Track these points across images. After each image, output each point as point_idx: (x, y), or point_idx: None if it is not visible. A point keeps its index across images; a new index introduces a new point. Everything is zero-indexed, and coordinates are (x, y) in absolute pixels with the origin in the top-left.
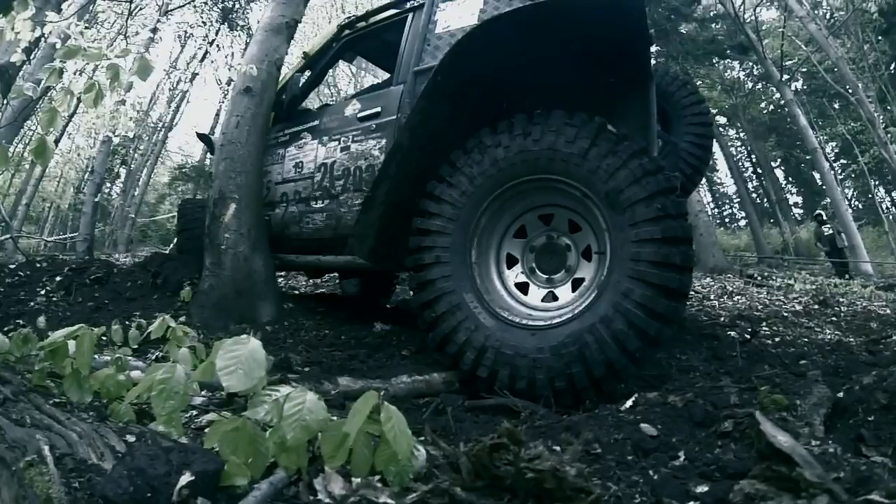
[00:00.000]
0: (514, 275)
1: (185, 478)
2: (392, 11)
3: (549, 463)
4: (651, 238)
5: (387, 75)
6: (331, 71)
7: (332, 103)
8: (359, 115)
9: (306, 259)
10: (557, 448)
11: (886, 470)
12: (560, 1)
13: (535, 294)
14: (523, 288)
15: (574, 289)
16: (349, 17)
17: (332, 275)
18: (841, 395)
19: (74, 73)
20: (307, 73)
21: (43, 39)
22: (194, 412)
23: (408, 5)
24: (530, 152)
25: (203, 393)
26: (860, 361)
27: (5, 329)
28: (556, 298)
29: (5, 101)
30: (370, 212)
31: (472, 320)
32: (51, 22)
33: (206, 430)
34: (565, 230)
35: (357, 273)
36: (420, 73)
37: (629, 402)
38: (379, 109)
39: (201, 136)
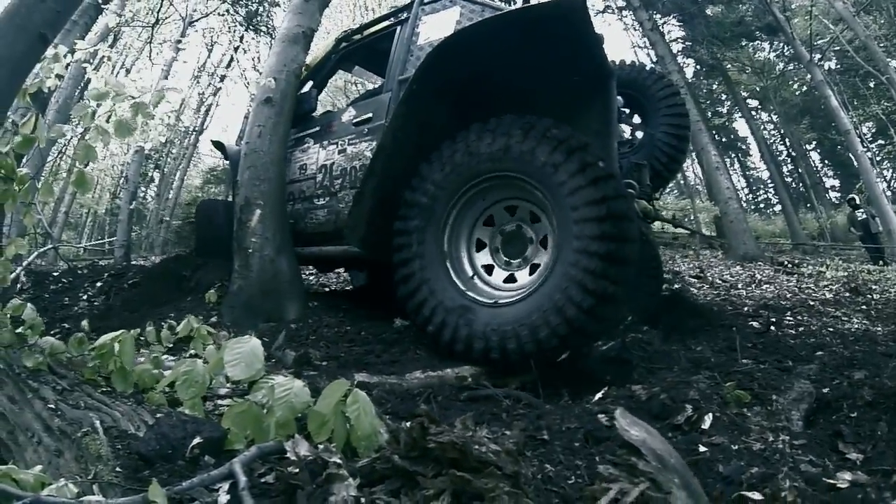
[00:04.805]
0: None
1: (196, 441)
2: (383, 24)
3: (449, 437)
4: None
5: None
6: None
7: (333, 111)
8: (354, 121)
9: (310, 250)
10: (508, 432)
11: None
12: (514, 13)
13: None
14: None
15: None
16: (346, 31)
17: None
18: (826, 390)
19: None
20: (309, 83)
21: (72, 60)
22: (219, 400)
23: (395, 18)
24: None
25: (228, 384)
26: (879, 353)
27: (52, 332)
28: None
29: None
30: (360, 205)
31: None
32: (80, 49)
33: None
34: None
35: (359, 263)
36: (403, 82)
37: (598, 395)
38: (371, 115)
39: (216, 144)
